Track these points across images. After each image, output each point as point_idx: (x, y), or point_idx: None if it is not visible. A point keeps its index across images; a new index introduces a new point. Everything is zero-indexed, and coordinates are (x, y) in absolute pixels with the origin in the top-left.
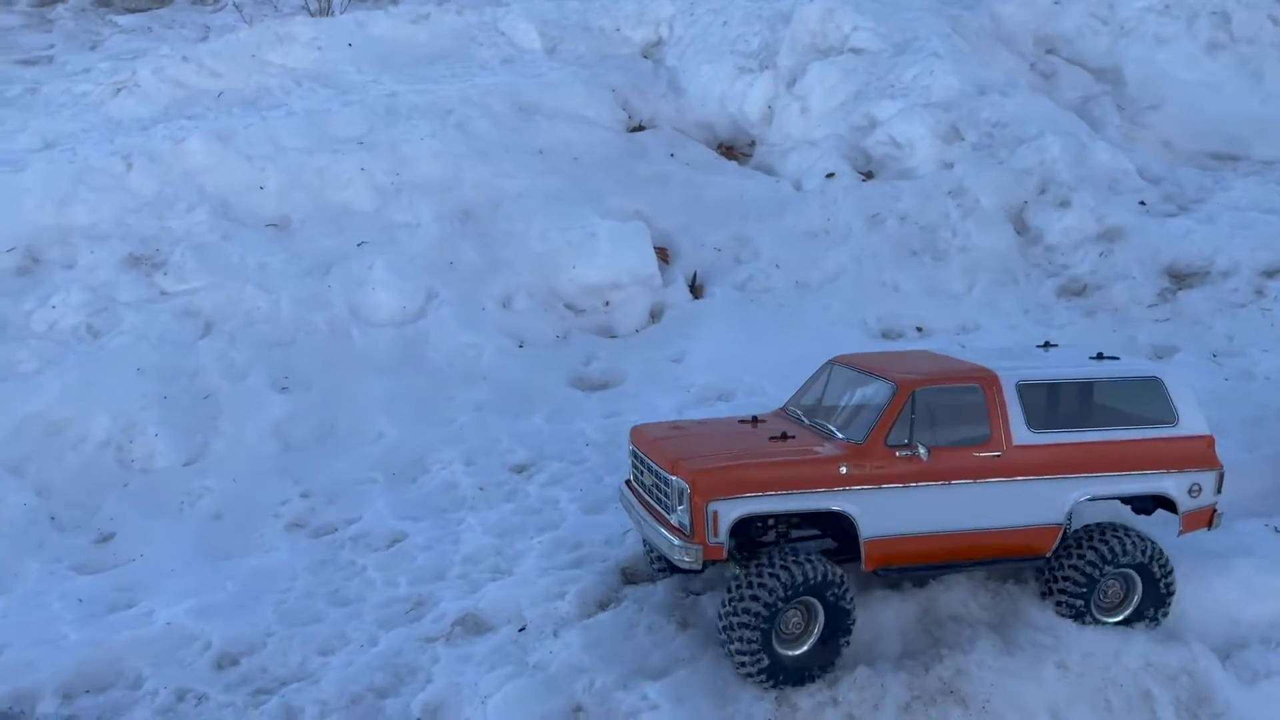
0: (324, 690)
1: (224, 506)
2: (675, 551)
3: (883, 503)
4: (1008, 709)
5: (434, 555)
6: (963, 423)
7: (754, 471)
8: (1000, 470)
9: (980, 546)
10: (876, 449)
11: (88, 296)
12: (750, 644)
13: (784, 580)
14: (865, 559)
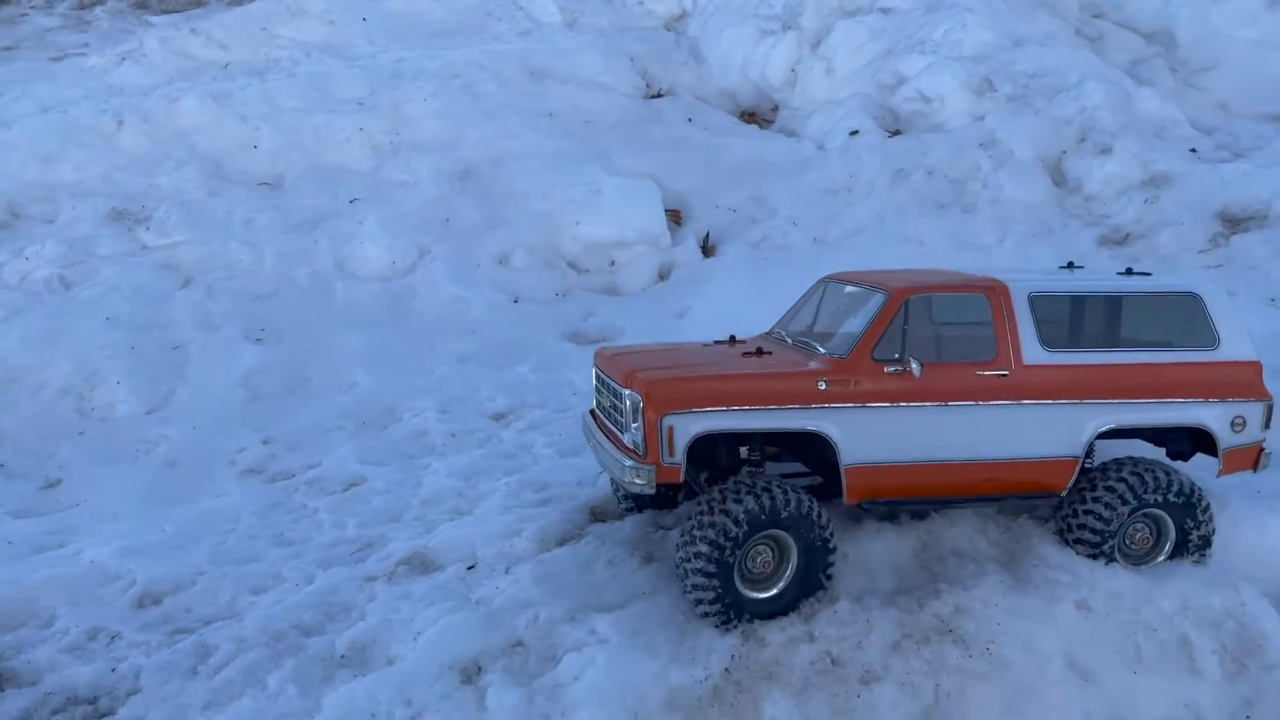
0: (245, 628)
1: (180, 454)
2: (626, 473)
3: (868, 424)
4: (1016, 653)
5: (391, 498)
6: (965, 338)
7: (716, 384)
8: (1007, 392)
9: (983, 480)
10: (861, 363)
11: (63, 249)
12: (708, 583)
13: (748, 508)
14: (847, 490)
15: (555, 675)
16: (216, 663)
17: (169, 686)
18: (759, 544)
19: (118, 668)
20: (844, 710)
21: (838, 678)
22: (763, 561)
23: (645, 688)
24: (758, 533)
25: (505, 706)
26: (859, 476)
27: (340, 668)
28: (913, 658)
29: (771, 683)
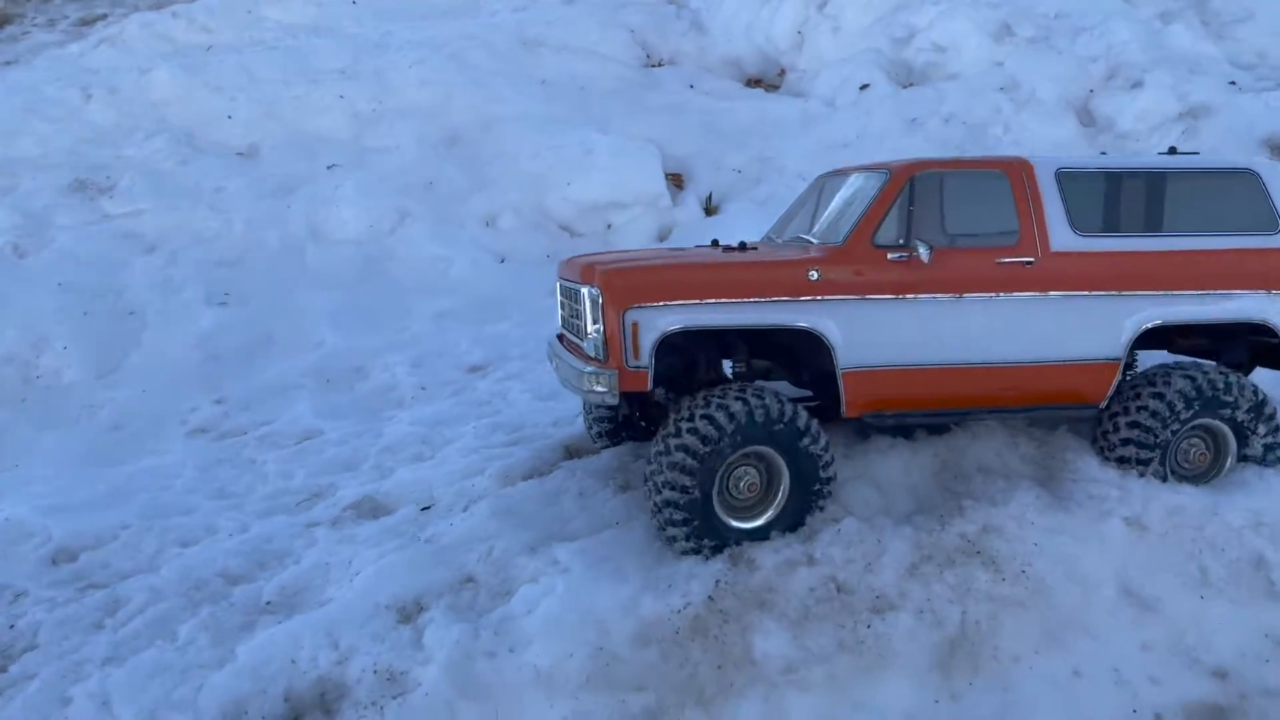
0: (162, 578)
1: (126, 417)
2: (584, 380)
3: (868, 320)
4: (1057, 577)
5: (347, 449)
6: (982, 220)
7: (685, 273)
8: (1032, 282)
9: (1005, 388)
10: (859, 249)
11: (18, 219)
12: (682, 510)
13: (728, 418)
14: (846, 401)
15: (507, 609)
16: (125, 615)
17: (68, 641)
18: (744, 464)
19: (16, 624)
20: (851, 643)
21: (843, 606)
22: (748, 485)
23: (611, 619)
24: (742, 448)
25: (445, 644)
26: (859, 384)
27: (264, 614)
28: (934, 582)
29: (764, 612)
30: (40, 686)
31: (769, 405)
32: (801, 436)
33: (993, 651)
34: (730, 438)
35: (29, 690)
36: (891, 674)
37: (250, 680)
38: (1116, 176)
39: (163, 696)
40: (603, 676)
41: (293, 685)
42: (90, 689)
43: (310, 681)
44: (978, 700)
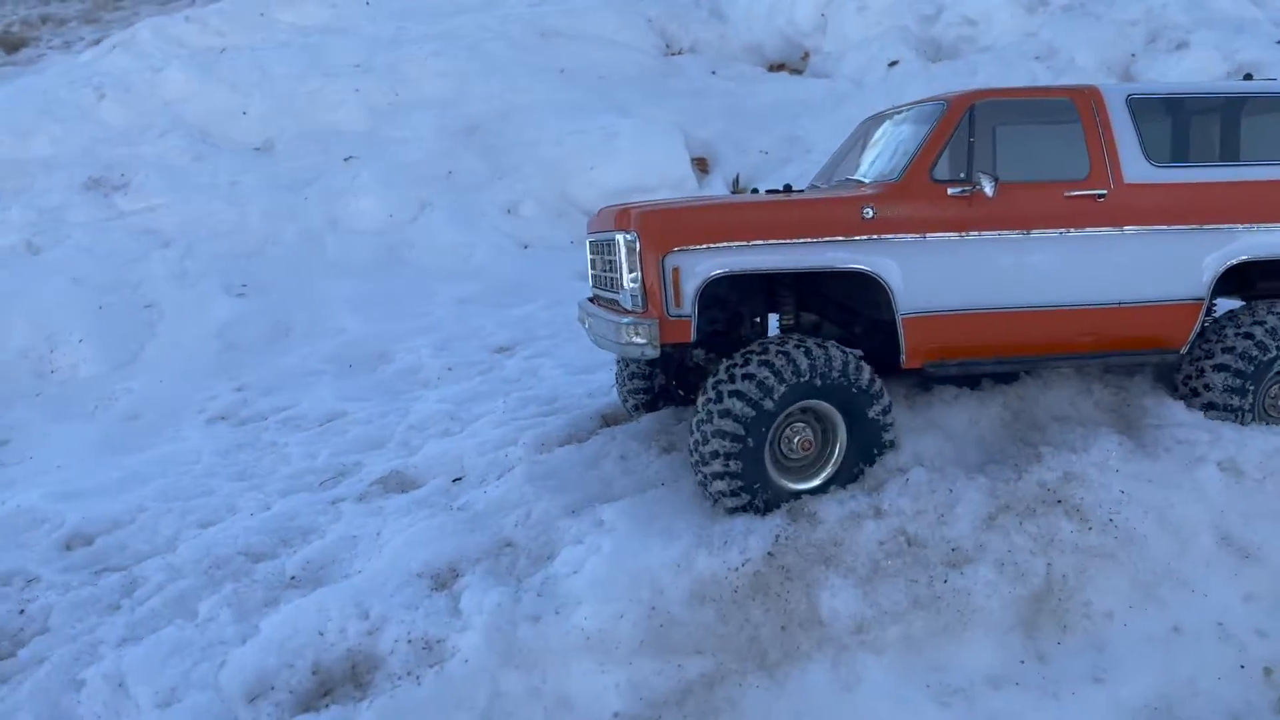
0: (180, 557)
1: (143, 407)
2: (623, 333)
3: (928, 261)
4: (1149, 526)
5: (372, 428)
6: (1049, 152)
7: (729, 213)
8: (1104, 216)
9: (1078, 334)
10: (916, 184)
11: (32, 216)
12: (731, 469)
13: (780, 369)
14: (906, 349)
15: (549, 571)
16: (142, 595)
17: (82, 624)
18: (796, 420)
19: (26, 609)
20: (927, 599)
21: (916, 559)
22: (801, 442)
23: (664, 577)
24: (794, 402)
25: (484, 608)
26: (921, 330)
27: (289, 589)
28: (1013, 533)
29: (829, 568)
30: (50, 670)
31: (818, 356)
32: (858, 388)
33: (1083, 608)
34: (780, 394)
35: (38, 675)
36: (972, 633)
37: (275, 654)
38: (1192, 103)
39: (182, 675)
40: (657, 639)
41: (320, 658)
42: (104, 670)
43: (339, 654)
44: (1068, 661)
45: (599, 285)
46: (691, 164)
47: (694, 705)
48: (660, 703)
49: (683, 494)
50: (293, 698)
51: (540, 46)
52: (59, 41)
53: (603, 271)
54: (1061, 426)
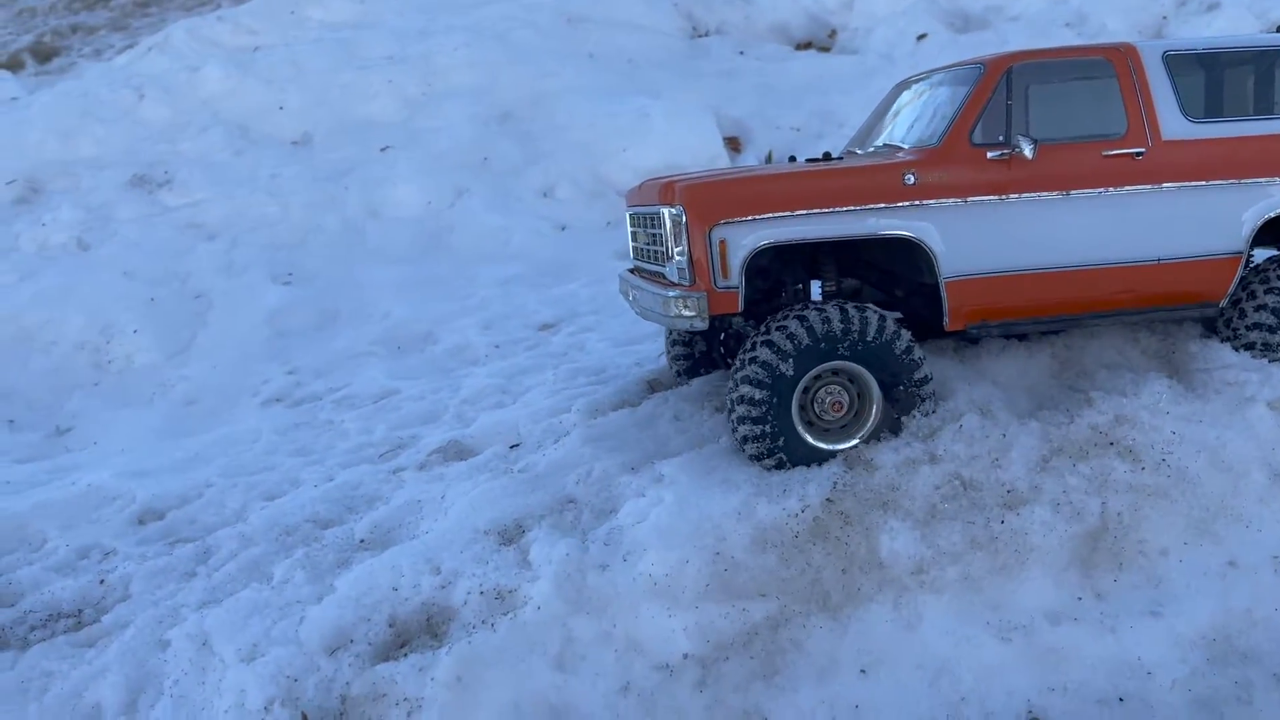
0: (251, 526)
1: (199, 393)
2: (670, 305)
3: (970, 224)
4: (1201, 465)
5: (426, 404)
6: (1086, 112)
7: (773, 184)
8: (1143, 174)
9: (1119, 290)
10: (958, 149)
11: (81, 214)
12: (761, 430)
13: (810, 329)
14: (949, 312)
15: (614, 523)
16: (217, 562)
17: (162, 590)
18: (829, 382)
19: (106, 579)
20: (984, 539)
21: (972, 502)
22: (834, 404)
23: (726, 524)
24: (823, 362)
25: (553, 559)
26: (963, 293)
27: (359, 551)
28: (1068, 474)
29: (887, 512)
30: (136, 632)
31: (849, 316)
32: (889, 349)
33: (1138, 545)
34: (808, 353)
35: (125, 637)
36: (1029, 571)
37: (352, 610)
38: (1227, 58)
39: (263, 632)
40: (722, 584)
41: (396, 612)
42: (188, 630)
43: (414, 607)
44: (1125, 596)
45: (641, 257)
46: (724, 143)
47: (760, 646)
48: (727, 644)
49: (738, 448)
50: (371, 649)
51: (568, 33)
52: (89, 50)
53: (645, 244)
54: (1110, 373)
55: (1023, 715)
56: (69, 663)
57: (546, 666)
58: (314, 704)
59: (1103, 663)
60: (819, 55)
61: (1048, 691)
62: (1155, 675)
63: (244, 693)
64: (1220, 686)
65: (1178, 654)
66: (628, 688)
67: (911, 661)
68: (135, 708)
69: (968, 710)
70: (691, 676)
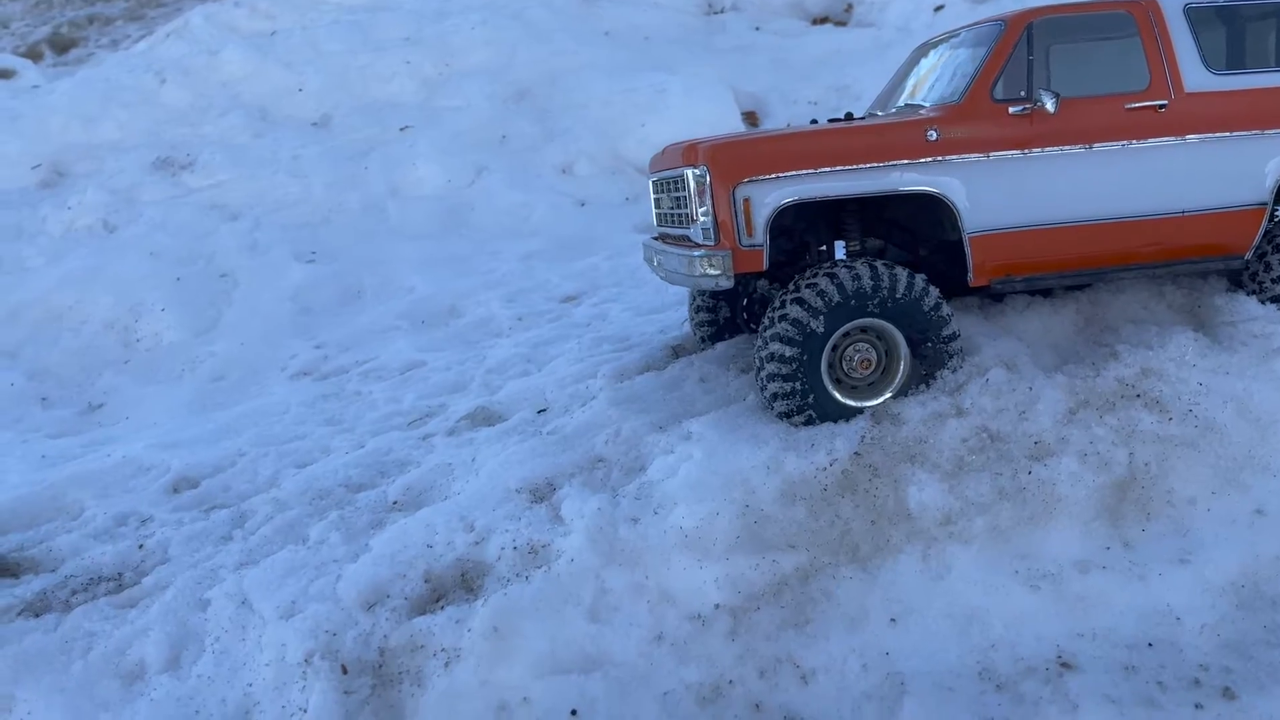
0: (284, 491)
1: (227, 369)
2: (696, 265)
3: (994, 179)
4: (1228, 415)
5: (453, 374)
6: (1108, 65)
7: (795, 141)
8: (1166, 126)
9: (1143, 244)
10: (980, 105)
11: (106, 196)
12: (791, 387)
13: (839, 286)
14: (974, 267)
15: (645, 479)
16: (252, 526)
17: (200, 553)
18: (857, 340)
19: (144, 544)
20: (1012, 490)
21: (1000, 454)
22: (862, 361)
23: (755, 478)
24: (853, 319)
25: (585, 513)
26: (987, 248)
27: (392, 512)
28: (1095, 426)
29: (915, 464)
30: (176, 593)
31: (878, 272)
32: (916, 304)
33: (1165, 495)
34: (835, 310)
35: (166, 597)
36: (1057, 521)
37: (388, 567)
38: (1248, 10)
39: (300, 590)
40: (752, 536)
41: (431, 567)
42: (227, 590)
43: (449, 563)
44: (1153, 546)
45: (665, 223)
46: (741, 118)
47: (790, 597)
48: (758, 595)
49: (765, 406)
50: (408, 603)
51: (583, 11)
52: (106, 41)
53: (670, 209)
54: (1136, 328)
55: (1052, 660)
56: (111, 623)
57: (581, 617)
58: (353, 656)
59: (1132, 609)
60: (835, 29)
61: (1077, 637)
62: (1184, 621)
63: (284, 647)
64: (1249, 631)
65: (1207, 600)
66: (661, 637)
67: (941, 610)
68: (178, 663)
69: (997, 656)
70: (723, 626)
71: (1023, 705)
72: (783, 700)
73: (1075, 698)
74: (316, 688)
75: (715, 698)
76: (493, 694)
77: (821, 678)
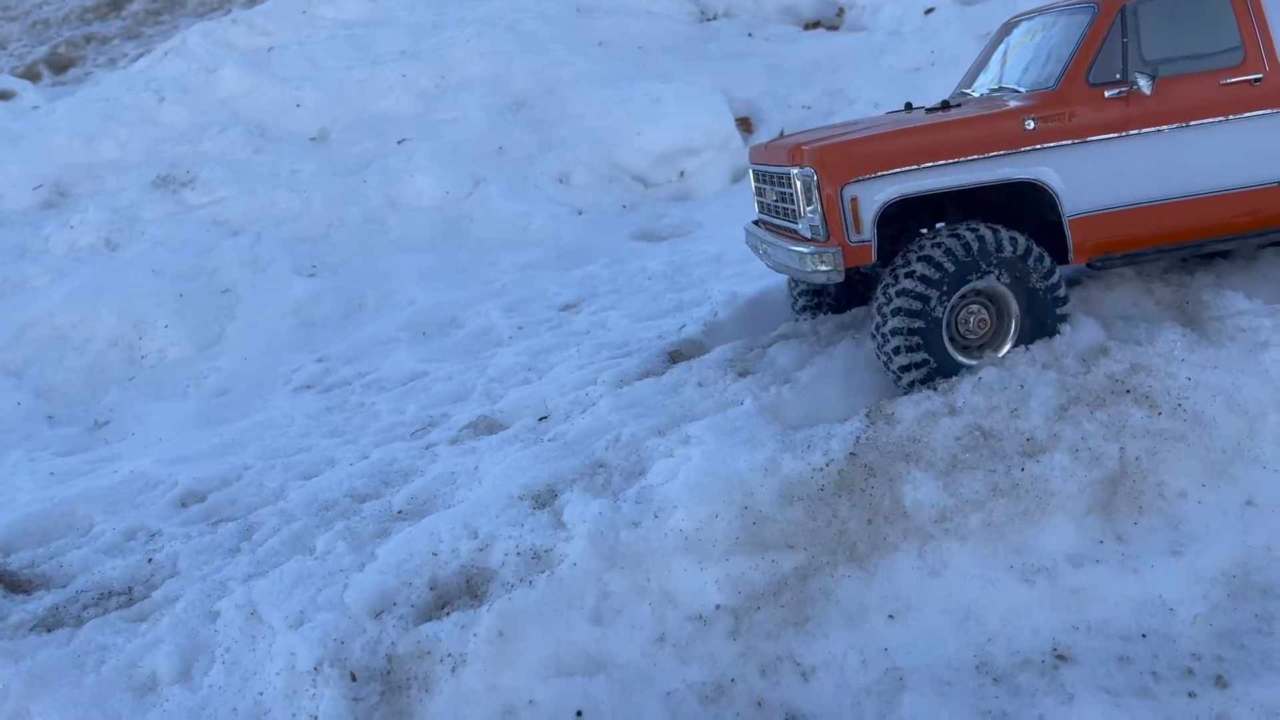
0: (290, 503)
1: (231, 383)
2: (807, 262)
3: (1092, 163)
4: (1217, 409)
5: (454, 384)
6: (1201, 42)
7: (897, 140)
8: (1263, 100)
9: (1243, 214)
10: (1075, 90)
11: (108, 215)
12: (915, 350)
13: (952, 251)
14: (1074, 248)
15: (645, 483)
16: (260, 538)
17: (208, 566)
18: (971, 303)
19: (154, 558)
20: (1006, 486)
21: (993, 451)
22: (978, 322)
23: (753, 480)
24: (969, 282)
25: (586, 518)
26: (1087, 229)
27: (397, 521)
28: (1085, 422)
29: (910, 463)
30: (186, 605)
31: (985, 237)
32: (1025, 264)
33: (1157, 488)
34: (952, 275)
35: (176, 610)
36: (1051, 517)
37: (394, 575)
38: None
39: (309, 599)
40: (751, 537)
41: (436, 575)
42: (236, 601)
43: (453, 570)
44: (1146, 538)
45: (769, 213)
46: (736, 124)
47: (790, 596)
48: (758, 595)
49: (762, 410)
50: (414, 610)
51: (577, 22)
52: (104, 60)
53: (774, 201)
54: (1125, 324)
55: (1048, 653)
56: (123, 636)
57: (584, 620)
58: (361, 664)
59: (1125, 601)
60: (828, 34)
61: (1072, 630)
62: (1177, 611)
63: (293, 655)
64: (1241, 620)
65: (1199, 590)
66: (663, 638)
67: (938, 606)
68: (190, 674)
69: (994, 649)
70: (724, 626)
71: (1020, 697)
72: (784, 697)
73: (1071, 689)
74: (326, 695)
75: (718, 696)
76: (499, 697)
77: (822, 674)
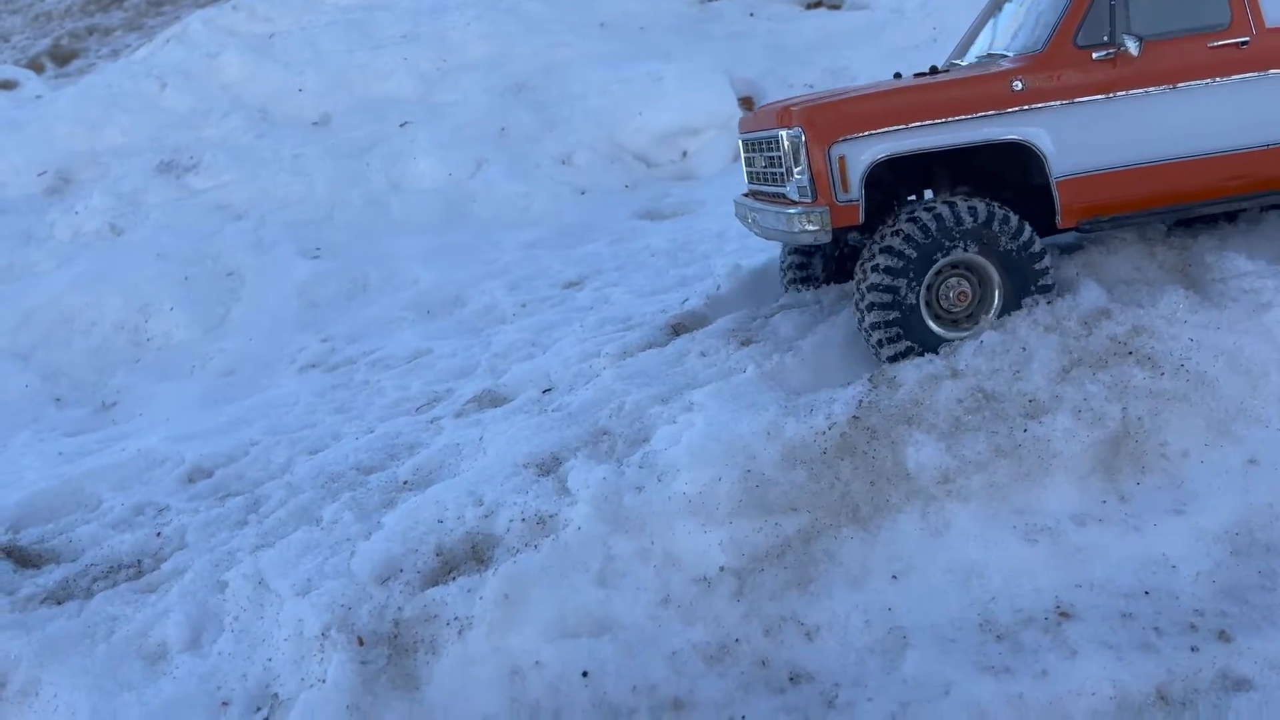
0: (297, 476)
1: (237, 364)
2: (795, 222)
3: (1079, 124)
4: (1219, 369)
5: (459, 360)
6: (1189, 6)
7: (885, 99)
8: (1250, 62)
9: (1230, 177)
10: (1063, 52)
11: (112, 200)
12: (891, 321)
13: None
14: (1061, 210)
15: (648, 448)
16: (267, 510)
17: (216, 538)
18: (950, 275)
19: (162, 532)
20: (1008, 447)
21: (995, 413)
22: (958, 295)
23: (756, 443)
24: (949, 253)
25: (590, 483)
26: (1075, 191)
27: (403, 491)
28: (1088, 383)
29: (912, 426)
30: (194, 576)
31: (959, 208)
32: (1001, 232)
33: (1159, 448)
34: (930, 246)
35: (184, 580)
36: (1053, 477)
37: (400, 542)
38: None
39: (316, 568)
40: (754, 500)
41: (442, 541)
42: (244, 571)
43: (459, 537)
44: (1148, 498)
45: (758, 180)
46: (738, 103)
47: (793, 558)
48: (761, 556)
49: (765, 377)
50: (420, 576)
51: (578, 3)
52: (107, 51)
53: (763, 168)
54: (1128, 287)
55: (1051, 610)
56: (132, 607)
57: (589, 583)
58: (368, 628)
59: (1128, 559)
60: (829, 13)
61: (1074, 588)
62: (1180, 569)
63: (301, 622)
64: (1244, 576)
65: (1201, 548)
66: (668, 600)
67: (942, 566)
68: (199, 642)
69: (998, 608)
70: (728, 587)
71: (1022, 653)
72: (788, 656)
73: (1074, 645)
74: (334, 659)
75: (722, 656)
76: (505, 659)
77: (825, 634)
